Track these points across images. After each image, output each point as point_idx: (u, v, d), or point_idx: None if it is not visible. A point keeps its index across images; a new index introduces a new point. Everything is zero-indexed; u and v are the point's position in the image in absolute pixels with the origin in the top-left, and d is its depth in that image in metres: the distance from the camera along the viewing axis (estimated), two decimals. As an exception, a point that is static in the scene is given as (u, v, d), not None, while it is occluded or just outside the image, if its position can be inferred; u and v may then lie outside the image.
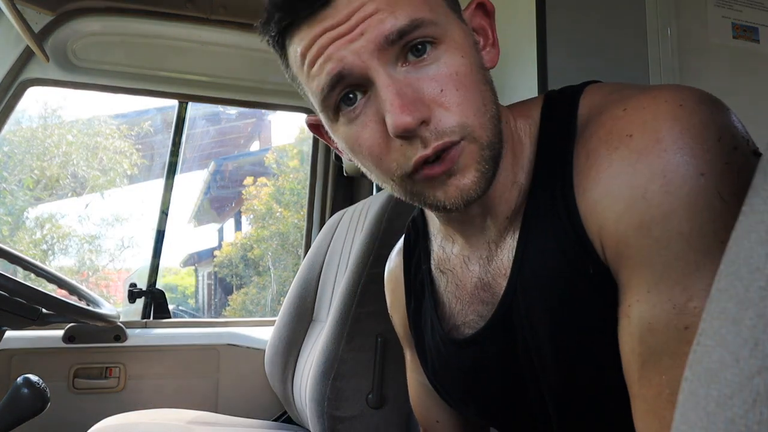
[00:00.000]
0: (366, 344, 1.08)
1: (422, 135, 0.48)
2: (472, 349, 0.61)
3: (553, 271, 0.51)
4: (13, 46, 1.49)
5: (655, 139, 0.44)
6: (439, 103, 0.48)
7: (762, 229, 0.20)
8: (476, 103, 0.49)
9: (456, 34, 0.51)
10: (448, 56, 0.49)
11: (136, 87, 1.68)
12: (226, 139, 6.11)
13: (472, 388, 0.65)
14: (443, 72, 0.49)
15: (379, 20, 0.47)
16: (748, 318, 0.19)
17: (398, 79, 0.48)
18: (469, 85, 0.49)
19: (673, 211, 0.42)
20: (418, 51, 0.48)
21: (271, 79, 1.80)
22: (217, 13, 1.63)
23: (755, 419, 0.18)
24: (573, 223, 0.49)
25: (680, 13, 1.21)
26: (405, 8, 0.48)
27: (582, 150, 0.49)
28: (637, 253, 0.44)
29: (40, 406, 1.00)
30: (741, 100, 1.25)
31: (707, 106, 0.46)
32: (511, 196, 0.55)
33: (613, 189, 0.46)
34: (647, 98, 0.47)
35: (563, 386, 0.55)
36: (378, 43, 0.47)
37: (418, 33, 0.48)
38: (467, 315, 0.62)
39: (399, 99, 0.47)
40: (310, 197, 1.86)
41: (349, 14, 0.48)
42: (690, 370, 0.22)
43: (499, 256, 0.57)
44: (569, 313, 0.51)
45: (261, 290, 5.34)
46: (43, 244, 4.80)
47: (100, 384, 1.53)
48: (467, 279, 0.61)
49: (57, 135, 4.73)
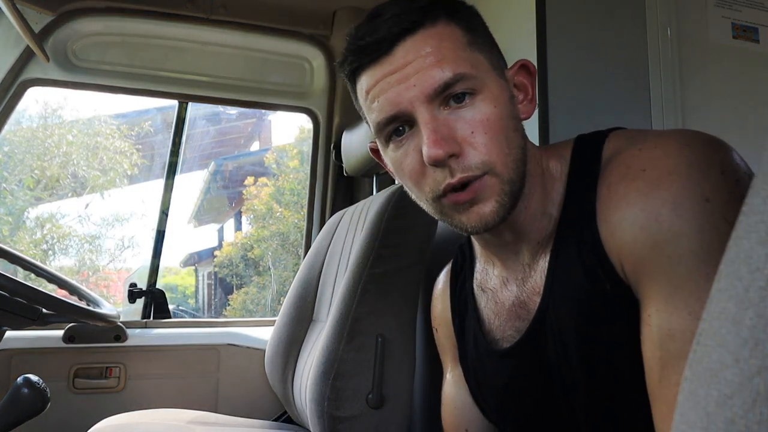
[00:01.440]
0: (366, 344, 1.08)
1: (451, 166, 0.57)
2: (509, 360, 0.68)
3: (578, 290, 0.58)
4: (13, 46, 1.49)
5: (666, 171, 0.52)
6: (469, 143, 0.57)
7: (762, 229, 0.20)
8: (501, 146, 0.58)
9: (493, 87, 0.60)
10: (483, 105, 0.58)
11: (136, 87, 1.68)
12: (226, 139, 6.11)
13: (507, 399, 0.71)
14: (476, 117, 0.58)
15: (430, 74, 0.57)
16: (748, 318, 0.19)
17: (437, 119, 0.57)
18: (497, 130, 0.58)
19: (683, 232, 0.49)
20: (458, 98, 0.58)
21: (271, 79, 1.80)
22: (217, 13, 1.63)
23: (755, 419, 0.18)
24: (595, 247, 0.56)
25: (680, 13, 1.21)
26: (451, 64, 0.57)
27: (604, 184, 0.58)
28: (653, 270, 0.51)
29: (40, 406, 1.00)
30: (741, 100, 1.25)
31: (711, 146, 0.53)
32: (541, 225, 0.64)
33: (629, 214, 0.53)
34: (660, 140, 0.55)
35: (591, 398, 0.60)
36: (427, 94, 0.57)
37: (460, 85, 0.57)
38: (505, 330, 0.69)
39: (434, 135, 0.56)
40: (310, 197, 1.86)
41: (405, 64, 0.58)
42: (690, 370, 0.22)
43: (533, 276, 0.65)
44: (593, 327, 0.58)
45: (261, 290, 5.34)
46: (44, 244, 4.80)
47: (100, 384, 1.53)
48: (505, 297, 0.69)
49: (57, 135, 4.73)
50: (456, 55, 0.58)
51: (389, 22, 0.58)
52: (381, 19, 0.59)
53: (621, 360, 0.56)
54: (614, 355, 0.57)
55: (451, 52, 0.58)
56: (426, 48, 0.58)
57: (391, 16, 0.59)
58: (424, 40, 0.58)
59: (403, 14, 0.58)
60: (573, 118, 1.11)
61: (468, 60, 0.59)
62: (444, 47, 0.58)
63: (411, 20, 0.58)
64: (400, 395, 1.09)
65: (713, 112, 1.22)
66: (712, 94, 1.23)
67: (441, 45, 0.58)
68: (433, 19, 0.59)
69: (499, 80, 0.61)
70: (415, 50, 0.58)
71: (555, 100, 1.10)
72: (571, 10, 1.13)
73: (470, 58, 0.59)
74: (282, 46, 1.75)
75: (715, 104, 1.22)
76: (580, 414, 0.62)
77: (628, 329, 0.54)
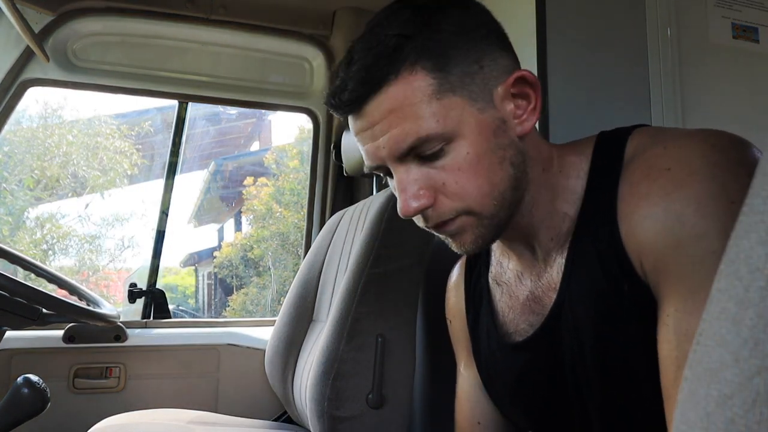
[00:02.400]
0: (366, 344, 1.08)
1: (425, 214, 0.60)
2: (522, 354, 0.68)
3: (595, 287, 0.58)
4: (13, 46, 1.49)
5: (690, 171, 0.51)
6: (441, 192, 0.59)
7: (762, 229, 0.20)
8: (479, 188, 0.58)
9: (471, 128, 0.58)
10: (456, 152, 0.58)
11: (136, 87, 1.67)
12: (226, 139, 6.11)
13: (520, 393, 0.71)
14: (448, 166, 0.58)
15: (394, 139, 0.58)
16: (748, 318, 0.19)
17: (408, 177, 0.59)
18: (473, 173, 0.58)
19: (706, 233, 0.48)
20: (429, 155, 0.58)
21: (271, 79, 1.80)
22: (217, 13, 1.63)
23: (755, 419, 0.18)
24: (615, 245, 0.56)
25: (680, 13, 1.21)
26: (414, 126, 0.57)
27: (626, 182, 0.57)
28: (674, 269, 0.50)
29: (40, 406, 1.00)
30: (741, 100, 1.25)
31: (737, 147, 0.52)
32: (553, 223, 0.64)
33: (651, 213, 0.52)
34: (685, 139, 0.54)
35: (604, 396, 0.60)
36: (395, 156, 0.59)
37: (426, 147, 0.57)
38: (519, 324, 0.69)
39: (404, 195, 0.59)
40: (310, 197, 1.86)
41: (373, 123, 0.59)
42: (690, 369, 0.22)
43: (549, 272, 0.65)
44: (609, 326, 0.58)
45: (261, 290, 5.34)
46: (44, 244, 4.80)
47: (100, 384, 1.53)
48: (520, 291, 0.69)
49: (57, 135, 4.73)
50: (419, 114, 0.56)
51: (355, 78, 0.58)
52: (351, 71, 0.58)
53: (636, 359, 0.56)
54: (629, 354, 0.57)
55: (414, 110, 0.56)
56: (389, 108, 0.57)
57: (357, 69, 0.58)
58: (387, 99, 0.57)
59: (370, 68, 0.57)
60: (573, 118, 1.11)
61: (435, 114, 0.56)
62: (406, 106, 0.56)
63: (374, 77, 0.57)
64: (400, 395, 1.09)
65: (713, 112, 1.22)
66: (712, 94, 1.23)
67: (403, 104, 0.56)
68: (396, 72, 0.56)
69: (480, 114, 0.58)
70: (379, 111, 0.58)
71: (555, 100, 1.10)
72: (571, 10, 1.13)
73: (437, 110, 0.57)
74: (282, 46, 1.75)
75: (715, 104, 1.22)
76: (593, 411, 0.62)
77: (645, 329, 0.54)
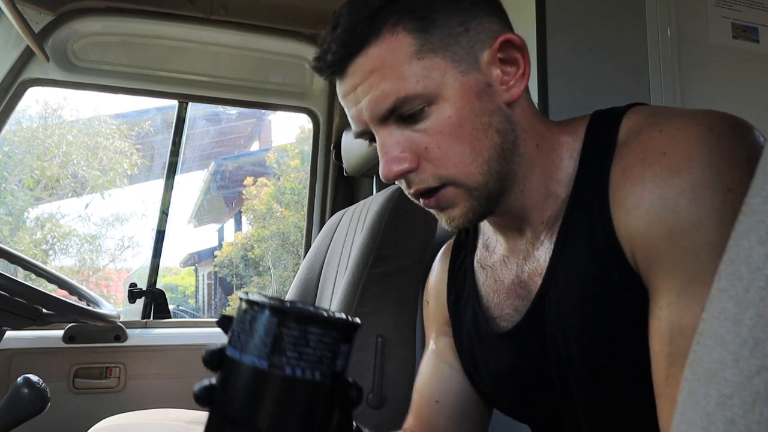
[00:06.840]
0: (366, 344, 1.08)
1: (407, 179, 0.59)
2: (509, 342, 0.65)
3: (583, 274, 0.56)
4: (13, 46, 1.49)
5: (687, 157, 0.48)
6: (424, 157, 0.57)
7: (762, 229, 0.20)
8: (462, 155, 0.57)
9: (453, 90, 0.56)
10: (437, 115, 0.56)
11: (136, 87, 1.68)
12: (226, 139, 6.12)
13: (504, 380, 0.69)
14: (431, 129, 0.57)
15: (375, 100, 0.57)
16: (748, 318, 0.19)
17: (390, 139, 0.58)
18: (456, 139, 0.56)
19: (702, 223, 0.46)
20: (410, 117, 0.57)
21: (271, 79, 1.80)
22: (217, 13, 1.63)
23: (755, 419, 0.18)
24: (606, 231, 0.54)
25: (680, 13, 1.21)
26: (394, 86, 0.56)
27: (618, 166, 0.54)
28: (667, 260, 0.48)
29: (40, 406, 1.00)
30: (741, 100, 1.25)
31: (737, 129, 0.49)
32: (545, 205, 0.61)
33: (645, 201, 0.50)
34: (681, 121, 0.51)
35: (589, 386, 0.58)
36: (376, 118, 0.58)
37: (406, 107, 0.56)
38: (504, 308, 0.66)
39: (385, 157, 0.58)
40: (310, 197, 1.86)
41: (355, 86, 0.58)
42: (690, 370, 0.22)
43: (536, 256, 0.62)
44: (596, 314, 0.55)
45: (261, 290, 5.34)
46: (44, 244, 4.80)
47: (100, 384, 1.53)
48: (505, 276, 0.67)
49: (57, 135, 4.73)
50: (399, 74, 0.55)
51: (338, 40, 0.57)
52: (335, 34, 0.58)
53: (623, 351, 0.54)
54: (616, 346, 0.54)
55: (395, 71, 0.56)
56: (369, 69, 0.56)
57: (341, 32, 0.57)
58: (368, 60, 0.56)
59: (352, 30, 0.57)
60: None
61: (415, 74, 0.56)
62: (387, 67, 0.56)
63: (356, 39, 0.57)
64: (400, 395, 1.09)
65: (713, 112, 1.22)
66: (712, 94, 1.23)
67: (384, 65, 0.56)
68: (377, 33, 0.56)
69: (463, 77, 0.57)
70: (360, 73, 0.57)
71: (555, 100, 1.10)
72: (571, 9, 1.13)
73: (418, 71, 0.56)
74: (282, 46, 1.75)
75: (715, 104, 1.22)
76: (579, 403, 0.60)
77: (633, 320, 0.51)
